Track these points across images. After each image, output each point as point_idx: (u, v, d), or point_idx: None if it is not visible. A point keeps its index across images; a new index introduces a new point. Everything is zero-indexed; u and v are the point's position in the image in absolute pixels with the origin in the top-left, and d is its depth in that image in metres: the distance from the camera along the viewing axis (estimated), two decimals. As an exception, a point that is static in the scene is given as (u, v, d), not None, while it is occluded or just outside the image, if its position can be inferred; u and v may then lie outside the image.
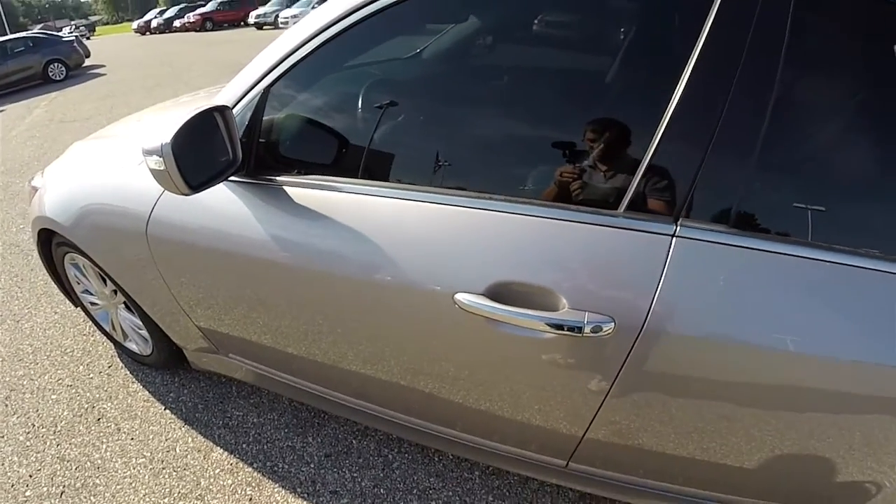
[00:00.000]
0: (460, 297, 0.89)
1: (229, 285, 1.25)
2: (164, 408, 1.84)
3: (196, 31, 21.81)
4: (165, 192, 1.27)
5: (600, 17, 0.96)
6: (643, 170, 0.80)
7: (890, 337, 0.73)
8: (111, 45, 22.40)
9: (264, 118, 1.11)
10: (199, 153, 0.98)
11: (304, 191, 1.06)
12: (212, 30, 21.41)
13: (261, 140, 1.11)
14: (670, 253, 0.79)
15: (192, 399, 1.85)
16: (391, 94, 1.13)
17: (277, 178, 1.09)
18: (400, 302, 0.97)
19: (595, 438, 1.01)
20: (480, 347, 0.96)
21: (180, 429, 1.75)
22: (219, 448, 1.66)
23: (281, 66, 1.05)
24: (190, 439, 1.71)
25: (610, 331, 0.82)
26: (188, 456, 1.65)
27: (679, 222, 0.79)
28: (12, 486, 1.63)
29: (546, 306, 0.85)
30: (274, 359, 1.39)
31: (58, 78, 11.54)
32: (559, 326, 0.83)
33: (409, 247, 0.94)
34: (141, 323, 1.73)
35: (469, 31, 1.22)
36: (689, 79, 0.77)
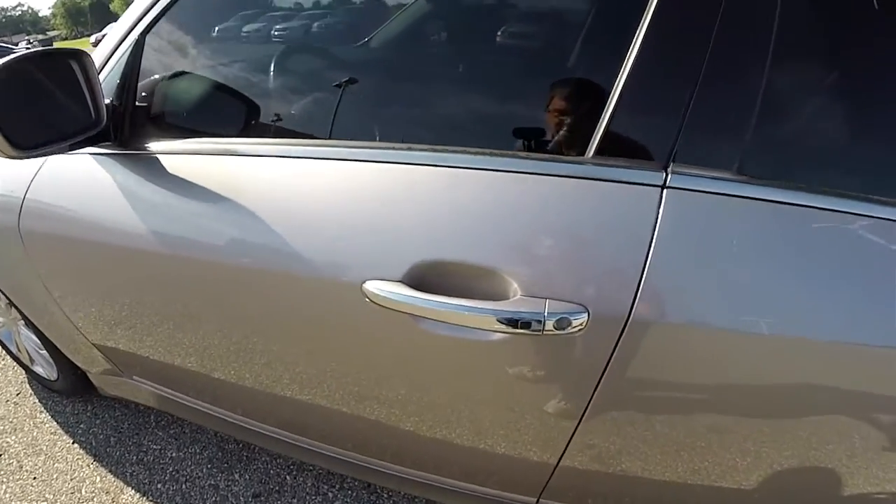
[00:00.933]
0: (370, 286, 0.64)
1: (113, 289, 1.00)
2: (72, 441, 1.56)
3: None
4: (38, 175, 1.03)
5: None
6: (615, 102, 0.58)
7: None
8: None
9: (145, 79, 0.88)
10: (42, 108, 0.76)
11: (186, 159, 0.82)
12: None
13: (140, 105, 0.87)
14: (661, 210, 0.57)
15: (105, 431, 1.58)
16: (292, 39, 0.90)
17: (156, 146, 0.85)
18: (299, 297, 0.73)
19: (571, 467, 0.78)
20: (406, 355, 0.72)
21: (88, 466, 1.48)
22: (130, 489, 1.39)
23: (158, 5, 0.82)
24: (98, 478, 1.44)
25: (582, 325, 0.59)
26: (95, 499, 1.38)
27: (670, 168, 0.57)
28: None
29: (492, 294, 0.62)
30: (180, 380, 1.13)
31: None
32: (509, 322, 0.60)
33: (308, 221, 0.71)
34: (40, 342, 1.47)
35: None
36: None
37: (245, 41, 0.95)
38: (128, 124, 0.87)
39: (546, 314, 0.59)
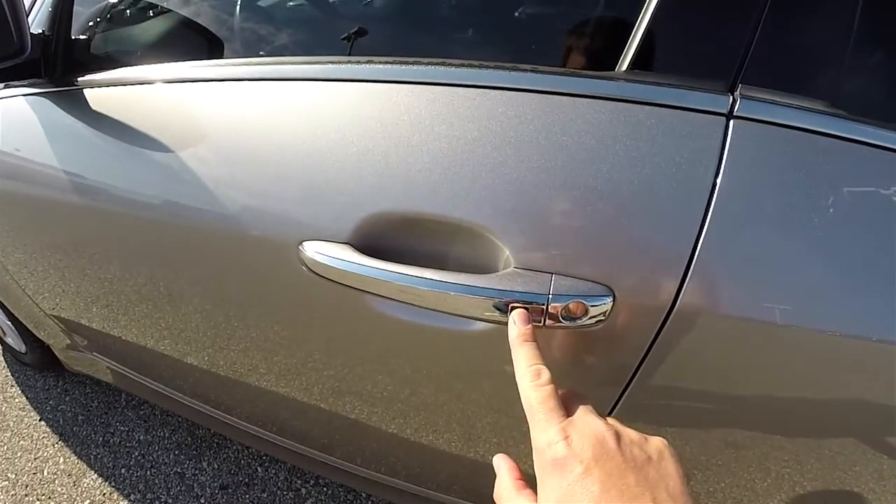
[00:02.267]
0: (308, 249, 0.49)
1: (54, 249, 0.88)
2: (39, 418, 1.47)
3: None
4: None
5: None
6: None
7: None
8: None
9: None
10: None
11: (120, 90, 0.69)
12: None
13: (76, 37, 0.74)
14: (727, 146, 0.41)
15: (73, 408, 1.48)
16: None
17: (91, 78, 0.72)
18: (235, 257, 0.58)
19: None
20: (355, 341, 0.57)
21: (53, 445, 1.38)
22: (93, 472, 1.29)
23: None
24: (62, 459, 1.34)
25: (604, 314, 0.43)
26: (56, 481, 1.29)
27: (738, 91, 0.42)
28: None
29: (474, 265, 0.46)
30: (137, 357, 1.02)
31: None
32: (497, 307, 0.44)
33: (246, 159, 0.55)
34: (3, 313, 1.37)
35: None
36: None
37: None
38: (61, 58, 0.74)
39: (550, 295, 0.42)
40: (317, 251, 0.48)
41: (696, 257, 0.41)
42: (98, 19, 0.77)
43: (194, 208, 0.58)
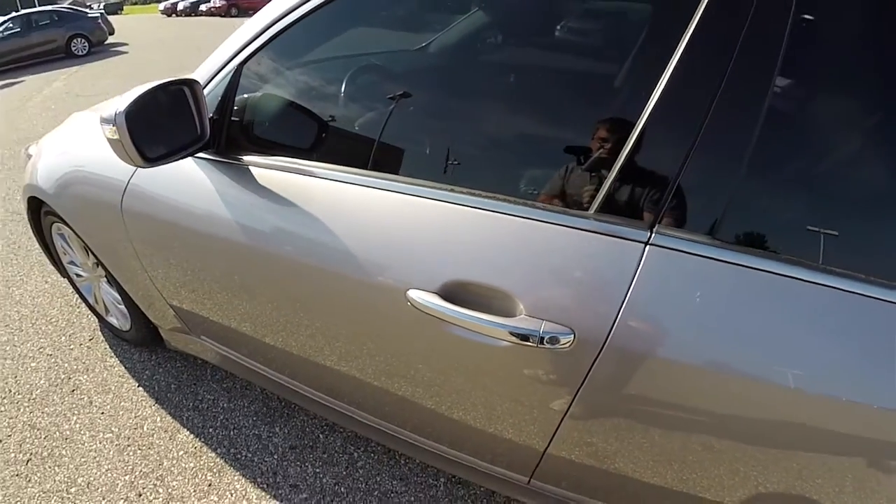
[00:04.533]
0: (413, 294, 0.84)
1: (196, 265, 1.21)
2: (137, 384, 1.82)
3: (221, 16, 21.93)
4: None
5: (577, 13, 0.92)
6: (618, 169, 0.74)
7: (889, 376, 0.65)
8: (136, 24, 22.61)
9: (239, 97, 1.07)
10: (164, 126, 0.95)
11: (270, 172, 1.02)
12: (237, 15, 21.48)
13: (234, 119, 1.07)
14: (642, 262, 0.72)
15: (166, 378, 1.82)
16: (372, 83, 1.08)
17: (246, 157, 1.05)
18: (357, 295, 0.92)
19: (557, 456, 0.95)
20: (435, 350, 0.91)
21: (150, 407, 1.73)
22: (185, 430, 1.63)
23: (256, 41, 1.01)
24: (159, 418, 1.68)
25: (568, 343, 0.76)
26: (154, 435, 1.63)
27: (655, 229, 0.73)
28: (-22, 450, 1.62)
29: (504, 311, 0.79)
30: (240, 344, 1.35)
31: (80, 53, 11.58)
32: (514, 334, 0.78)
33: (367, 237, 0.90)
34: (120, 298, 1.71)
35: (471, 27, 1.17)
36: (672, 74, 0.70)
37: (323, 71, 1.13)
38: (224, 135, 1.07)
39: (542, 332, 0.76)
40: (418, 296, 0.84)
41: (617, 320, 0.73)
42: (246, 106, 1.09)
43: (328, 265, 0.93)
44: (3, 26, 10.75)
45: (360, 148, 1.00)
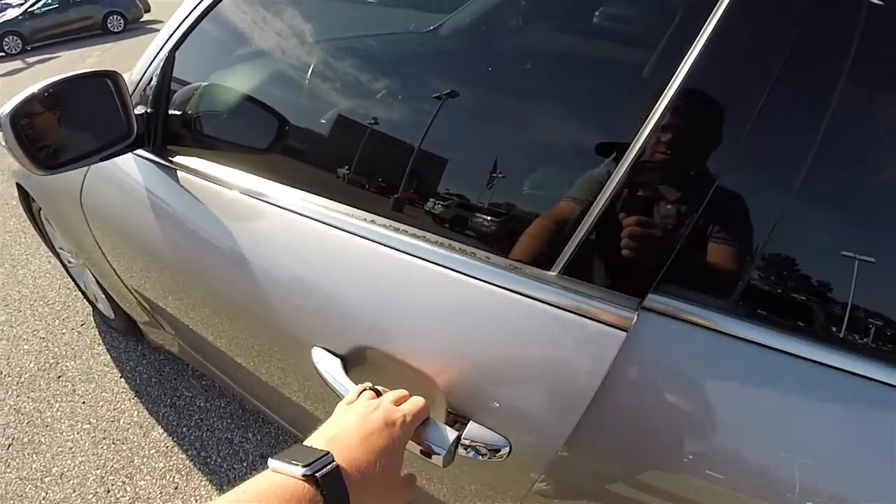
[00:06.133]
0: (316, 353, 0.67)
1: (141, 255, 1.12)
2: (120, 375, 1.78)
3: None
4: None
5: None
6: (595, 219, 0.50)
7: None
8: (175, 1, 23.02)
9: (182, 88, 0.94)
10: (85, 124, 0.84)
11: (201, 180, 0.89)
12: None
13: (172, 113, 0.94)
14: (618, 354, 0.48)
15: (149, 371, 1.78)
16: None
17: (184, 158, 0.93)
18: (268, 338, 0.83)
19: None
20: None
21: (129, 400, 1.69)
22: (160, 427, 1.58)
23: (189, 18, 0.90)
24: (136, 413, 1.64)
25: (503, 456, 0.55)
26: (129, 430, 1.59)
27: (643, 302, 0.49)
28: (-38, 435, 1.61)
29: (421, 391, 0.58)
30: (192, 340, 1.26)
31: (116, 30, 11.52)
32: (418, 439, 0.51)
33: (288, 276, 0.74)
34: (99, 288, 1.66)
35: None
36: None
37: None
38: (160, 132, 0.95)
39: (456, 438, 0.51)
40: (321, 357, 0.67)
41: (569, 440, 0.52)
42: (190, 99, 0.94)
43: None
44: (42, 1, 10.95)
45: (302, 165, 0.86)
